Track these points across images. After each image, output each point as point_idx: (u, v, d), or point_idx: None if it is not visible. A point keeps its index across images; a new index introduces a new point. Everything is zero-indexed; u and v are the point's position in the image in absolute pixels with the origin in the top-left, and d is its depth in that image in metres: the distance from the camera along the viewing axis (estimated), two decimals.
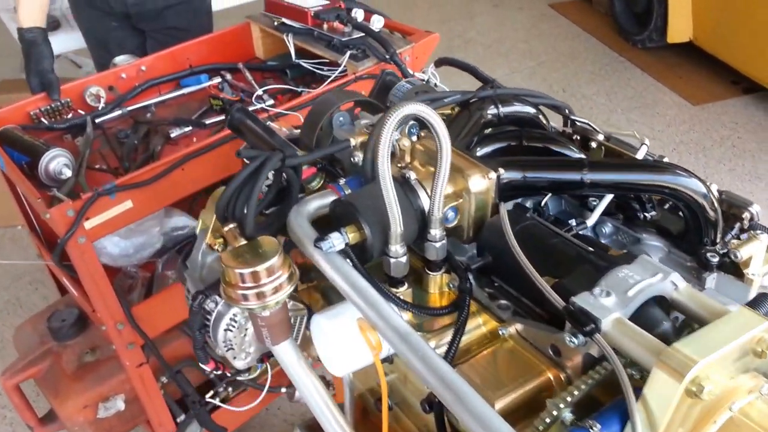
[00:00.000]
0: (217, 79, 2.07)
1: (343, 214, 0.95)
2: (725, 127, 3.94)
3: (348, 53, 1.85)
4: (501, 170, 1.05)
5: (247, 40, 2.19)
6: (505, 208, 1.00)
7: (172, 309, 1.79)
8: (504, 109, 1.33)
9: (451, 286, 0.99)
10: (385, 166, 0.84)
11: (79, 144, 1.79)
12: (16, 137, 1.72)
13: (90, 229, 1.52)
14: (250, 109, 1.91)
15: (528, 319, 0.92)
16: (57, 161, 1.62)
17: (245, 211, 0.97)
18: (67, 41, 2.90)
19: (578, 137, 1.32)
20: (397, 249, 0.92)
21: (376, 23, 1.96)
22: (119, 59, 2.05)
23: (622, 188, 1.09)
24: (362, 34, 1.92)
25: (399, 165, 1.02)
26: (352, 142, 1.07)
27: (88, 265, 1.56)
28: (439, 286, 0.99)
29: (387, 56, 1.87)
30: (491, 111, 1.29)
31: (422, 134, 1.06)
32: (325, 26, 1.95)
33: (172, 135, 1.84)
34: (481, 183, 0.98)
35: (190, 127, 1.87)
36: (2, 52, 4.14)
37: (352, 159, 1.08)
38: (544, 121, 1.30)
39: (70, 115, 1.88)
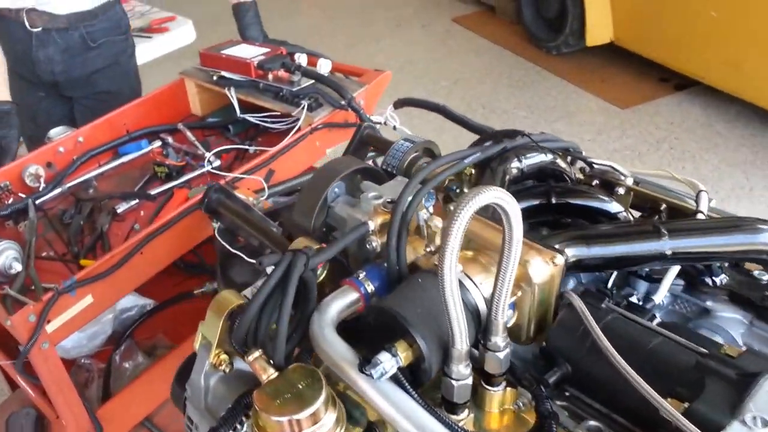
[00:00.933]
0: (158, 143, 1.92)
1: (385, 325, 0.80)
2: (660, 129, 3.85)
3: (304, 104, 1.75)
4: (567, 252, 0.89)
5: (182, 97, 2.06)
6: (579, 299, 0.84)
7: (136, 405, 1.68)
8: (526, 162, 1.23)
9: (519, 405, 0.82)
10: (452, 272, 0.71)
11: (24, 230, 1.62)
12: None
13: (52, 333, 1.36)
14: (196, 173, 1.80)
15: None
16: (5, 255, 1.45)
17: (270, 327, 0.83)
18: None
19: (597, 181, 1.22)
20: (461, 369, 0.77)
21: (324, 67, 1.87)
22: (54, 132, 1.88)
23: (711, 257, 0.96)
24: (312, 81, 1.83)
25: (428, 249, 0.92)
26: (370, 225, 0.96)
27: (53, 373, 1.40)
28: (500, 404, 0.82)
29: (343, 102, 1.78)
30: (515, 165, 1.16)
31: (438, 205, 0.98)
32: (270, 76, 1.85)
33: (119, 210, 1.69)
34: (544, 270, 0.83)
35: (137, 200, 1.73)
36: None
37: (368, 245, 0.96)
38: (566, 167, 1.19)
39: (10, 200, 1.70)
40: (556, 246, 0.89)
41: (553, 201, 1.15)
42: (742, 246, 0.93)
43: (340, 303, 0.87)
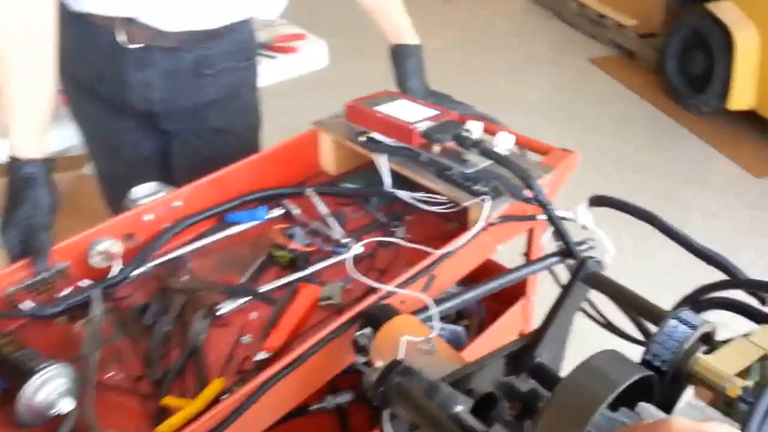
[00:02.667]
0: (278, 211, 1.51)
1: None
2: None
3: (486, 197, 1.30)
4: None
5: (311, 150, 1.64)
6: None
7: None
8: None
9: None
10: None
11: (83, 334, 1.16)
12: None
13: None
14: (330, 262, 1.37)
15: None
16: (50, 388, 1.03)
17: None
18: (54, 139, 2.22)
19: None
20: None
21: (505, 143, 1.42)
22: (138, 191, 1.45)
23: None
24: (490, 162, 1.38)
25: None
26: None
27: None
28: None
29: (531, 195, 1.33)
30: None
31: None
32: (437, 148, 1.41)
33: (219, 312, 1.26)
34: None
35: (247, 298, 1.30)
36: None
37: None
38: None
39: (67, 291, 1.24)
40: None
41: None
42: None
43: None
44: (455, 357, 1.02)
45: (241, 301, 1.29)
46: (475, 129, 1.41)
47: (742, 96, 3.93)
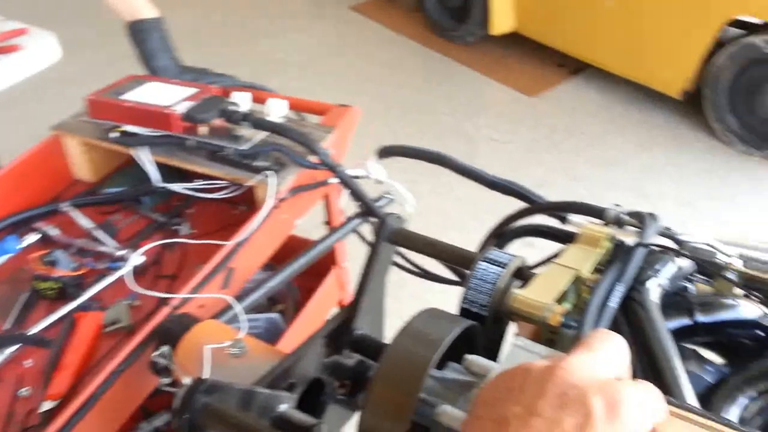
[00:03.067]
0: (32, 237, 1.27)
1: None
2: (567, 115, 3.79)
3: (269, 172, 1.17)
4: None
5: (58, 159, 1.40)
6: None
7: None
8: (664, 274, 0.81)
9: None
10: None
11: None
12: None
13: None
14: (108, 280, 1.18)
15: None
16: None
17: None
18: None
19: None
20: None
21: (278, 110, 1.29)
22: None
23: None
24: (265, 133, 1.26)
25: None
26: None
27: None
28: None
29: (317, 160, 1.23)
30: (656, 283, 0.78)
31: None
32: (203, 129, 1.25)
33: None
34: None
35: (16, 345, 1.09)
36: None
37: None
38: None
39: None
40: None
41: (699, 320, 0.82)
42: None
43: None
44: (271, 352, 0.92)
45: (10, 350, 1.07)
46: (242, 101, 1.28)
47: (502, 20, 4.06)
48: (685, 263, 0.85)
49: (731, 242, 1.00)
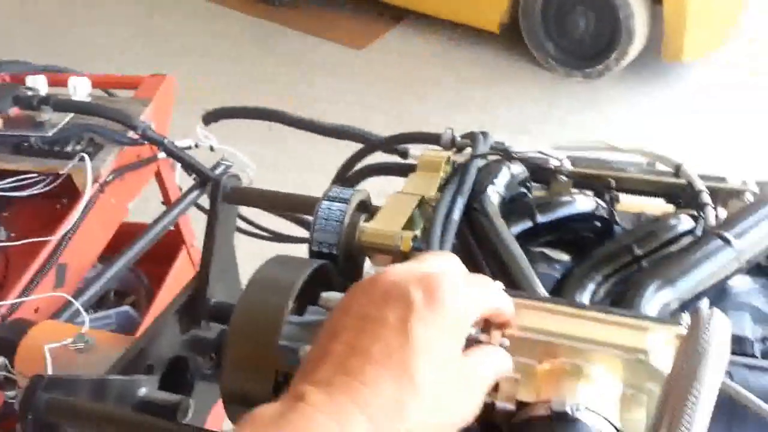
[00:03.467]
0: None
1: None
2: (397, 62, 3.85)
3: (82, 155, 1.06)
4: (684, 316, 0.57)
5: None
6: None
7: None
8: (499, 182, 0.82)
9: None
10: None
11: None
12: None
13: None
14: None
15: None
16: None
17: None
18: None
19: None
20: None
21: (81, 89, 1.18)
22: None
23: None
24: (71, 115, 1.14)
25: None
26: None
27: None
28: None
29: (135, 135, 1.14)
30: (493, 190, 0.79)
31: None
32: None
33: None
34: (670, 353, 0.52)
35: None
36: None
37: None
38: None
39: None
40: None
41: (540, 220, 0.84)
42: None
43: None
44: (121, 340, 0.87)
45: None
46: (39, 84, 1.15)
47: None
48: (518, 169, 0.87)
49: (561, 147, 1.05)
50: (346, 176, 1.11)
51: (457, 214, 0.72)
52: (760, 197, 0.78)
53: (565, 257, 0.91)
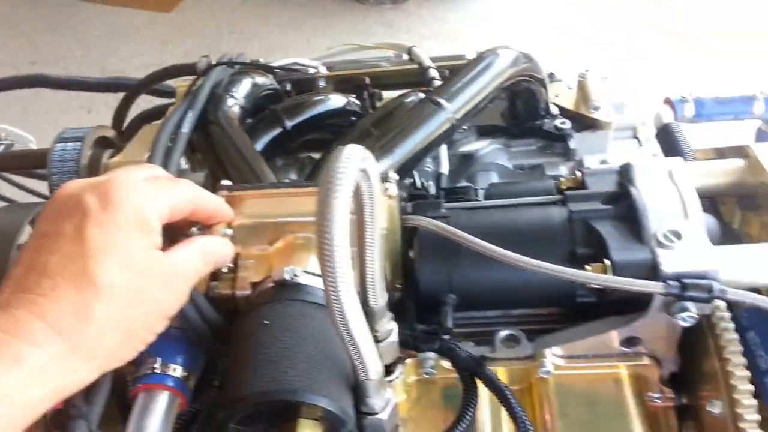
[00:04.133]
0: None
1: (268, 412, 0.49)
2: (210, 20, 3.70)
3: None
4: (391, 174, 0.66)
5: None
6: (425, 219, 0.63)
7: None
8: (239, 94, 0.83)
9: (429, 371, 0.62)
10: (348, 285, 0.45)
11: None
12: None
13: None
14: None
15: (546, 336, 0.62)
16: None
17: None
18: None
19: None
20: (383, 397, 0.52)
21: None
22: None
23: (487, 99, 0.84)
24: None
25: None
26: None
27: None
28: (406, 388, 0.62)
29: None
30: (232, 103, 0.81)
31: None
32: None
33: None
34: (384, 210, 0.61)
35: None
36: None
37: None
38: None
39: None
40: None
41: (289, 124, 0.87)
42: (506, 73, 0.84)
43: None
44: None
45: None
46: None
47: None
48: (263, 80, 0.88)
49: (318, 57, 1.07)
50: (123, 130, 1.09)
51: (187, 127, 0.72)
52: (471, 60, 0.84)
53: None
